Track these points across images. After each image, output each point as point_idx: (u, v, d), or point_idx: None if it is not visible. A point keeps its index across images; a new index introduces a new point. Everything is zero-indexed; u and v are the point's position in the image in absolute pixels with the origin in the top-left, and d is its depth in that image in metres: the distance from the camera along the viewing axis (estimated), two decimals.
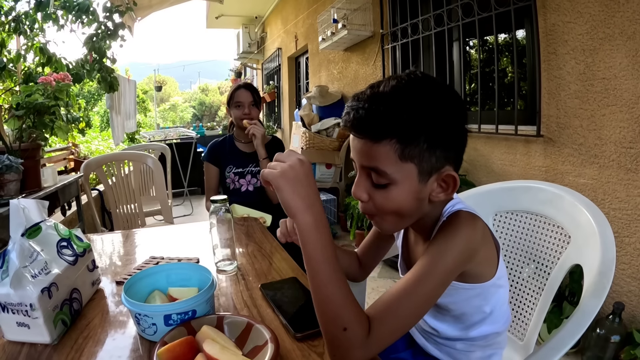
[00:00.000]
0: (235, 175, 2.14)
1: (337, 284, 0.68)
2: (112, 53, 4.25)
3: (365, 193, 0.77)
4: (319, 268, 0.69)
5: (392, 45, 3.51)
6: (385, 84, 0.72)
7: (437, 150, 0.72)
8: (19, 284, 0.76)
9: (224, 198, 1.11)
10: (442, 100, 0.72)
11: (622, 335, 1.80)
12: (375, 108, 0.70)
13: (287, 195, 0.70)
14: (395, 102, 0.69)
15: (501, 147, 2.49)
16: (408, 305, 0.69)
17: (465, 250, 0.73)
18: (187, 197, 5.87)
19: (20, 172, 2.06)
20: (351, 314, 0.67)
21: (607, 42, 1.82)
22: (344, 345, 0.66)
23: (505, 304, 0.91)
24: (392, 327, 0.68)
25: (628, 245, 1.84)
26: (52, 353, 0.75)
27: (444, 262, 0.71)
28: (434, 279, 0.70)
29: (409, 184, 0.73)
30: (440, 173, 0.74)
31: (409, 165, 0.71)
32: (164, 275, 0.91)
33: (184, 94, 35.30)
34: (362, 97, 0.72)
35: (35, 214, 0.90)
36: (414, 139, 0.70)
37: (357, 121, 0.72)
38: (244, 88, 2.12)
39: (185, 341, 0.64)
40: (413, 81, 0.72)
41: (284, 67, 7.33)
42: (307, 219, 0.69)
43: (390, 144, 0.70)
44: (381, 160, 0.71)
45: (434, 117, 0.70)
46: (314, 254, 0.69)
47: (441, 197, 0.76)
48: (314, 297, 0.69)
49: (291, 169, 0.71)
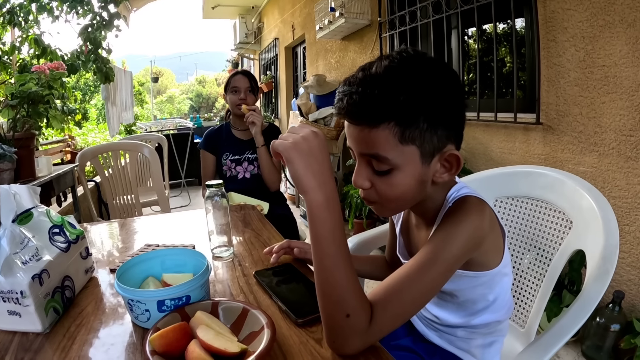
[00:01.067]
0: (231, 163, 2.12)
1: (345, 268, 0.65)
2: (108, 43, 4.22)
3: (367, 181, 0.74)
4: (327, 251, 0.65)
5: (390, 34, 3.47)
6: (378, 65, 0.68)
7: (438, 130, 0.69)
8: (9, 270, 0.74)
9: (220, 183, 1.09)
10: (438, 76, 0.69)
11: (622, 324, 1.80)
12: (370, 91, 0.66)
13: (299, 169, 0.65)
14: (390, 82, 0.66)
15: (500, 135, 2.47)
16: (411, 292, 0.66)
17: (472, 238, 0.71)
18: (184, 188, 5.85)
19: (14, 161, 2.04)
20: (356, 301, 0.64)
21: (607, 29, 1.80)
22: (344, 333, 0.64)
23: (508, 292, 0.90)
24: (395, 314, 0.66)
25: (628, 234, 1.83)
26: (44, 342, 0.74)
27: (450, 249, 0.69)
28: (439, 266, 0.68)
29: (412, 168, 0.70)
30: (442, 153, 0.72)
31: (410, 147, 0.68)
32: (158, 261, 0.89)
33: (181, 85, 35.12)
34: (354, 81, 0.68)
35: (26, 200, 0.89)
36: (414, 120, 0.67)
37: (352, 107, 0.68)
38: (242, 74, 2.11)
39: (179, 327, 0.62)
40: (406, 59, 0.68)
41: (281, 57, 7.28)
42: (318, 197, 0.65)
43: (389, 128, 0.66)
44: (381, 146, 0.68)
45: (432, 95, 0.67)
46: (323, 235, 0.65)
47: (445, 177, 0.74)
48: (318, 280, 0.66)
49: (304, 140, 0.66)
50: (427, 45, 3.14)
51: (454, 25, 2.88)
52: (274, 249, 1.06)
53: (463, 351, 0.92)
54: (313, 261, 0.68)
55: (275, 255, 1.04)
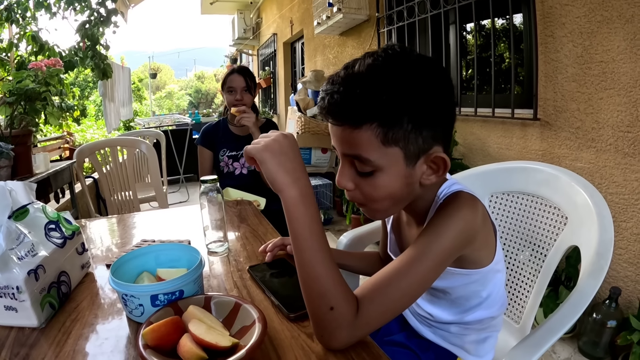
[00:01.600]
0: (229, 159, 2.13)
1: (324, 262, 0.66)
2: (106, 40, 4.22)
3: (350, 182, 0.73)
4: (305, 245, 0.66)
5: (388, 29, 3.46)
6: (361, 63, 0.66)
7: (423, 131, 0.67)
8: (5, 266, 0.75)
9: (214, 178, 1.09)
10: (424, 75, 0.66)
11: (618, 320, 1.80)
12: (352, 91, 0.65)
13: (271, 168, 0.67)
14: (373, 82, 0.64)
15: (497, 131, 2.47)
16: (400, 286, 0.66)
17: (464, 232, 0.70)
18: (182, 184, 5.85)
19: (11, 158, 2.04)
20: (338, 293, 0.64)
21: (605, 25, 1.80)
22: (330, 325, 0.64)
23: (502, 289, 0.90)
24: (382, 308, 0.66)
25: (625, 230, 1.83)
26: (39, 336, 0.74)
27: (440, 244, 0.68)
28: (429, 260, 0.67)
29: (396, 169, 0.69)
30: (428, 155, 0.70)
31: (393, 149, 0.67)
32: (152, 256, 0.89)
33: (180, 81, 35.07)
34: (337, 79, 0.67)
35: (22, 196, 0.89)
36: (397, 121, 0.65)
37: (333, 107, 0.67)
38: (237, 72, 2.08)
39: (171, 321, 0.62)
40: (391, 57, 0.66)
41: (279, 52, 7.28)
42: (293, 193, 0.66)
43: (372, 129, 0.65)
44: (363, 147, 0.67)
45: (416, 94, 0.65)
46: (301, 230, 0.66)
47: (432, 179, 0.73)
48: (300, 274, 0.67)
49: (275, 142, 0.68)
50: (425, 41, 3.13)
51: (451, 20, 2.88)
52: (268, 247, 1.06)
53: (457, 347, 0.92)
54: (294, 256, 0.68)
55: (270, 254, 1.04)
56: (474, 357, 0.92)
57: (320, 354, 0.66)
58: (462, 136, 2.76)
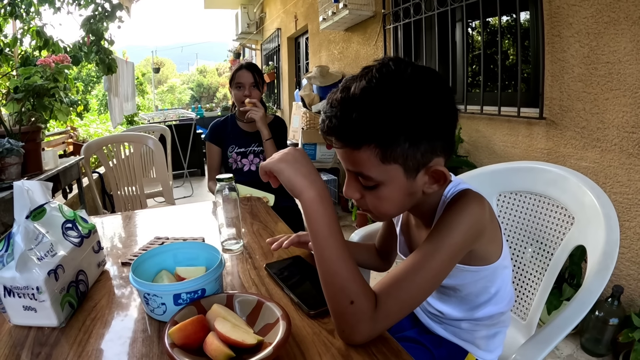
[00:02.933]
0: (237, 155, 2.14)
1: (343, 258, 0.69)
2: (110, 35, 4.21)
3: (357, 192, 0.77)
4: (325, 243, 0.70)
5: (394, 26, 3.46)
6: (356, 85, 0.67)
7: (421, 146, 0.68)
8: (24, 267, 0.75)
9: (230, 177, 1.10)
10: (418, 92, 0.67)
11: (620, 318, 1.82)
12: (348, 116, 0.67)
13: (289, 174, 0.72)
14: (367, 106, 0.66)
15: (503, 129, 2.48)
16: (417, 280, 0.70)
17: (473, 226, 0.73)
18: (187, 178, 5.86)
19: (21, 155, 2.05)
20: (358, 287, 0.68)
21: (612, 26, 1.80)
22: (351, 320, 0.67)
23: (509, 284, 0.93)
24: (400, 302, 0.69)
25: (628, 230, 1.85)
26: (59, 336, 0.75)
27: (452, 238, 0.71)
28: (442, 255, 0.71)
29: (397, 183, 0.72)
30: (428, 167, 0.72)
31: (393, 166, 0.69)
32: (170, 254, 0.91)
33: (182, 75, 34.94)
34: (334, 103, 0.69)
35: (39, 196, 0.90)
36: (394, 141, 0.67)
37: (332, 131, 0.70)
38: (246, 68, 2.09)
39: (197, 320, 0.64)
40: (384, 77, 0.67)
41: (283, 47, 7.25)
42: (311, 194, 0.70)
43: (370, 149, 0.68)
44: (364, 166, 0.70)
45: (411, 113, 0.66)
46: (320, 229, 0.70)
47: (434, 188, 0.75)
48: (321, 271, 0.70)
49: (287, 154, 0.74)
50: (431, 38, 3.14)
51: (458, 18, 2.88)
52: (285, 243, 1.07)
53: (468, 342, 0.95)
54: (314, 254, 0.72)
55: (287, 243, 1.06)
56: (485, 352, 0.94)
57: (342, 350, 0.68)
58: (467, 134, 2.77)
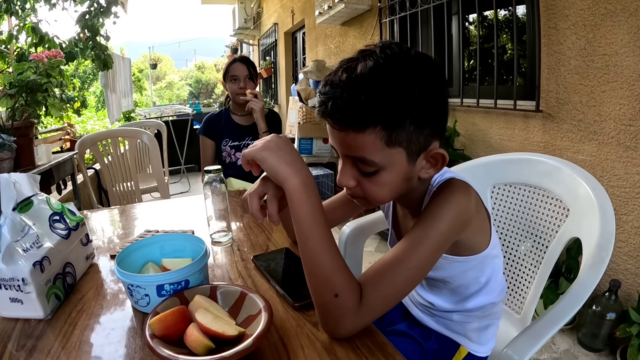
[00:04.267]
0: (231, 149, 2.13)
1: (328, 249, 0.67)
2: (106, 30, 4.18)
3: (352, 180, 0.73)
4: (309, 232, 0.67)
5: (390, 19, 3.45)
6: (363, 66, 0.65)
7: (424, 129, 0.68)
8: (10, 258, 0.75)
9: (218, 168, 1.09)
10: (424, 75, 0.66)
11: (617, 312, 1.81)
12: (356, 96, 0.64)
13: (272, 162, 0.69)
14: (377, 86, 0.63)
15: (499, 122, 2.47)
16: (401, 271, 0.68)
17: (459, 216, 0.72)
18: (184, 174, 5.85)
19: (13, 150, 2.05)
20: (342, 280, 0.66)
21: (608, 18, 1.79)
22: (335, 312, 0.65)
23: (500, 274, 0.92)
24: (385, 293, 0.67)
25: (625, 223, 1.84)
26: (46, 328, 0.75)
27: (437, 228, 0.70)
28: (427, 245, 0.69)
29: (398, 167, 0.70)
30: (428, 151, 0.71)
31: (397, 149, 0.68)
32: (157, 246, 0.90)
33: (180, 71, 34.89)
34: (338, 82, 0.66)
35: (26, 188, 0.89)
36: (400, 123, 0.65)
37: (337, 112, 0.66)
38: (240, 61, 2.09)
39: (178, 311, 0.63)
40: (391, 58, 0.65)
41: (280, 42, 7.24)
42: (295, 182, 0.68)
43: (375, 132, 0.65)
44: (367, 150, 0.67)
45: (418, 95, 0.65)
46: (305, 218, 0.67)
47: (431, 172, 0.74)
48: (305, 262, 0.68)
49: (270, 141, 0.71)
50: (427, 32, 3.12)
51: (454, 11, 2.86)
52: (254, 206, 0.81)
53: (459, 335, 0.94)
54: (298, 244, 0.69)
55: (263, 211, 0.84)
56: (476, 345, 0.93)
57: (325, 343, 0.67)
58: (463, 127, 2.75)
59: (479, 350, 0.93)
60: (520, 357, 0.75)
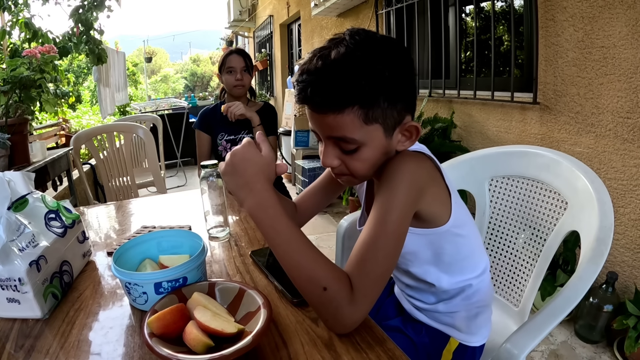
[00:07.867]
0: (227, 143, 2.12)
1: (299, 249, 0.69)
2: (100, 24, 4.15)
3: (336, 159, 0.78)
4: (275, 242, 0.70)
5: (387, 11, 3.43)
6: (336, 52, 0.70)
7: (397, 105, 0.73)
8: (6, 258, 0.74)
9: (215, 163, 1.08)
10: (391, 55, 0.72)
11: (614, 305, 1.82)
12: (333, 80, 0.69)
13: (230, 187, 0.75)
14: (350, 69, 0.69)
15: (497, 114, 2.46)
16: (380, 246, 0.69)
17: (413, 182, 0.74)
18: (180, 168, 5.83)
19: (7, 147, 2.03)
20: (326, 272, 0.67)
21: (606, 10, 1.78)
22: (330, 307, 0.65)
23: (471, 256, 0.92)
24: (374, 275, 0.68)
25: (623, 216, 1.84)
26: (43, 327, 0.74)
27: (397, 196, 0.72)
28: (395, 213, 0.71)
29: (377, 142, 0.75)
30: (403, 124, 0.77)
31: (374, 126, 0.73)
32: (154, 243, 0.89)
33: (175, 65, 34.71)
34: (314, 69, 0.71)
35: (21, 187, 0.88)
36: (375, 101, 0.71)
37: (316, 97, 0.71)
38: (236, 53, 2.08)
39: (176, 309, 0.63)
40: (360, 43, 0.71)
41: (275, 34, 7.20)
42: (249, 203, 0.72)
43: (353, 112, 0.70)
44: (347, 129, 0.72)
45: (389, 74, 0.70)
46: (268, 231, 0.70)
47: (407, 145, 0.80)
48: (284, 267, 0.70)
49: (227, 164, 0.75)
50: (424, 23, 3.10)
51: (451, 2, 2.85)
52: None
53: (448, 326, 0.94)
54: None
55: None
56: (467, 335, 0.93)
57: (325, 338, 0.67)
58: (460, 119, 2.75)
59: (471, 340, 0.93)
60: (520, 352, 0.75)
